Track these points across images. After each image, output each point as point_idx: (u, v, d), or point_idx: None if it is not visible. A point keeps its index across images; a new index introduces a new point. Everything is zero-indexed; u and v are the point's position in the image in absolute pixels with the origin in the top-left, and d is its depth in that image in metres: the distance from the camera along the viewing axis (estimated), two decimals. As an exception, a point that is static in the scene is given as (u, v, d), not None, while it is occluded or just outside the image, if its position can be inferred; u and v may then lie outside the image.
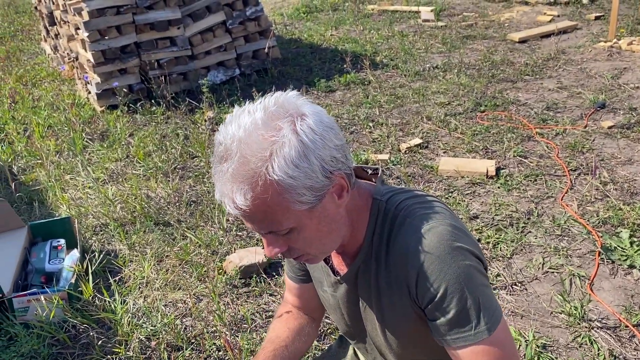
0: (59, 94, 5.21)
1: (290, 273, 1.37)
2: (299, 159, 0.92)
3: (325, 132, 0.95)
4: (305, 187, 0.94)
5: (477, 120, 4.04)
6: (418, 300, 1.05)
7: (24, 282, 2.54)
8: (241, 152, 0.91)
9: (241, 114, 0.96)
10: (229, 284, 2.57)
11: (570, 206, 2.96)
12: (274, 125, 0.92)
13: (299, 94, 1.00)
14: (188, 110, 4.52)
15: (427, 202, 1.08)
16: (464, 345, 1.02)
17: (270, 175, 0.91)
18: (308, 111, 0.96)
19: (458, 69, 5.05)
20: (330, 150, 0.95)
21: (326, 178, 0.96)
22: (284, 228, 0.98)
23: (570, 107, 4.14)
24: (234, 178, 0.92)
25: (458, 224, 1.05)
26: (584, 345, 2.13)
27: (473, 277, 1.01)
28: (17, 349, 2.20)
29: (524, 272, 2.54)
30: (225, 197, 0.94)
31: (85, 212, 3.25)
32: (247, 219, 0.97)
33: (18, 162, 3.99)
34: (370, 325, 1.19)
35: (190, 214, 3.17)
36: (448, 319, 1.02)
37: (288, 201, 0.94)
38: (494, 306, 1.03)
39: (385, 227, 1.08)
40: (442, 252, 1.00)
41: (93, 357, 2.19)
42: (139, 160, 3.82)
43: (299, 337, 1.37)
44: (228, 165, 0.92)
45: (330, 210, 1.01)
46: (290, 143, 0.91)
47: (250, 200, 0.92)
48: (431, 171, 3.44)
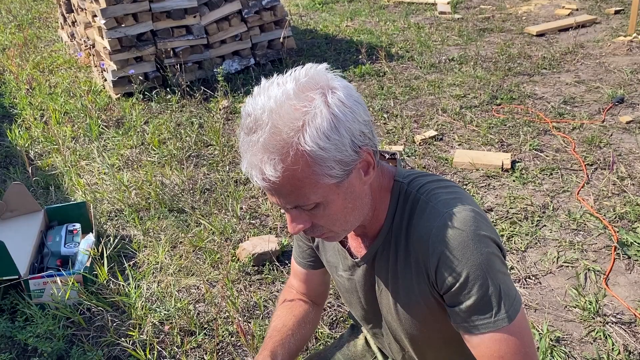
0: (76, 81, 5.25)
1: (299, 258, 1.36)
2: (330, 130, 0.91)
3: (354, 105, 0.95)
4: (334, 160, 0.93)
5: (493, 113, 4.00)
6: (437, 286, 1.04)
7: (40, 265, 2.57)
8: (273, 122, 0.90)
9: (270, 85, 0.95)
10: (242, 271, 2.58)
11: (586, 200, 2.93)
12: (305, 96, 0.91)
13: (328, 67, 0.99)
14: (203, 98, 4.53)
15: (448, 187, 1.07)
16: (483, 333, 1.02)
17: (302, 145, 0.90)
18: (338, 85, 0.95)
19: (474, 61, 5.00)
20: (359, 125, 0.95)
21: (355, 152, 0.95)
22: (310, 202, 0.97)
23: (587, 102, 4.09)
24: (264, 148, 0.91)
25: (479, 210, 1.04)
26: (598, 339, 2.11)
27: (494, 264, 1.00)
28: (33, 330, 2.23)
29: (538, 266, 2.52)
30: (254, 168, 0.93)
31: (100, 198, 3.27)
32: (274, 192, 0.96)
33: (35, 147, 4.03)
34: (385, 308, 1.19)
35: (204, 201, 3.19)
36: (468, 306, 1.01)
37: (317, 174, 0.93)
38: (513, 294, 1.02)
39: (406, 209, 1.07)
40: (465, 239, 0.99)
41: (107, 339, 2.22)
42: (154, 147, 3.84)
43: (304, 324, 1.36)
44: (259, 136, 0.91)
45: (356, 186, 1.00)
46: (322, 114, 0.91)
47: (280, 171, 0.91)
48: (446, 163, 3.42)
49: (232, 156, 3.65)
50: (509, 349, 1.01)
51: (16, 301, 2.40)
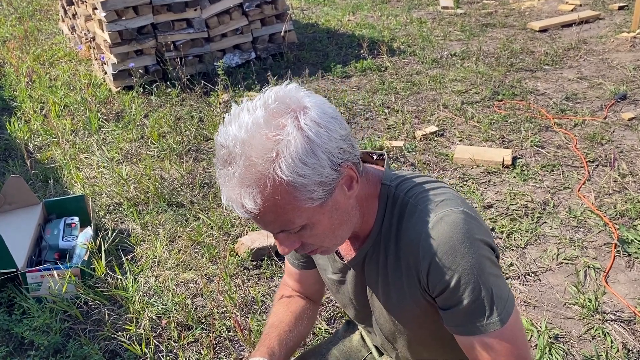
0: (76, 74, 5.23)
1: (292, 259, 1.35)
2: (306, 155, 0.88)
3: (329, 123, 0.92)
4: (315, 183, 0.91)
5: (495, 109, 3.98)
6: (429, 290, 1.04)
7: (37, 258, 2.56)
8: (246, 154, 0.87)
9: (240, 112, 0.92)
10: (240, 265, 2.58)
11: (587, 197, 2.91)
12: (276, 123, 0.88)
13: (297, 85, 0.96)
14: (203, 92, 4.51)
15: (437, 189, 1.05)
16: (477, 334, 1.01)
17: (278, 176, 0.88)
18: (310, 103, 0.92)
19: (476, 57, 4.98)
20: (336, 142, 0.92)
21: (335, 171, 0.93)
22: (296, 226, 0.95)
23: (590, 98, 4.07)
24: (241, 182, 0.89)
25: (470, 210, 1.02)
26: (597, 337, 2.10)
27: (486, 267, 0.99)
28: (29, 323, 2.22)
29: (538, 263, 2.51)
30: (234, 202, 0.91)
31: (99, 191, 3.26)
32: (258, 220, 0.94)
33: (34, 140, 4.02)
34: (377, 310, 1.18)
35: (203, 195, 3.17)
36: (460, 309, 1.00)
37: (299, 199, 0.91)
38: (506, 297, 1.01)
39: (395, 213, 1.05)
40: (455, 242, 0.97)
41: (104, 333, 2.21)
42: (153, 141, 3.83)
43: (301, 320, 1.36)
44: (234, 170, 0.89)
45: (341, 203, 0.98)
46: (296, 140, 0.88)
47: (260, 204, 0.89)
48: (446, 159, 3.40)
49: (231, 150, 3.64)
50: (501, 352, 1.00)
51: (13, 294, 2.40)
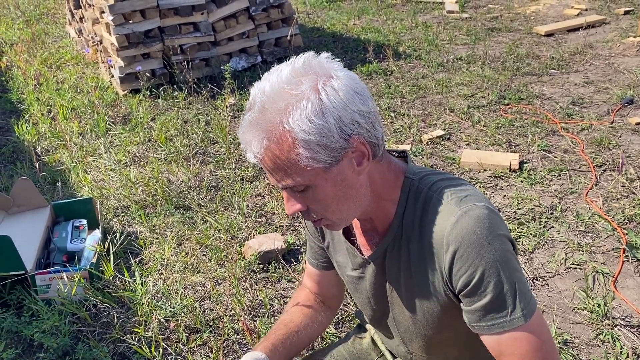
0: (83, 77, 5.25)
1: (312, 259, 1.36)
2: (314, 114, 0.93)
3: (349, 95, 0.95)
4: (319, 145, 0.94)
5: (501, 113, 3.98)
6: (452, 285, 1.03)
7: (46, 261, 2.57)
8: (262, 102, 0.95)
9: (275, 70, 0.98)
10: (247, 269, 2.58)
11: (595, 202, 2.91)
12: (296, 81, 0.94)
13: (330, 56, 1.00)
14: (210, 96, 4.53)
15: (461, 185, 1.06)
16: (500, 332, 1.00)
17: (284, 126, 0.93)
18: (337, 74, 0.97)
19: (482, 61, 4.98)
20: (351, 114, 0.95)
21: (343, 140, 0.96)
22: (297, 184, 0.98)
23: (596, 102, 4.07)
24: (252, 125, 0.96)
25: (493, 207, 1.03)
26: (606, 342, 2.09)
27: (510, 262, 0.99)
28: (38, 325, 2.23)
29: (546, 267, 2.51)
30: (245, 144, 0.98)
31: (107, 194, 3.28)
32: (265, 168, 0.99)
33: (42, 142, 4.04)
34: (397, 307, 1.17)
35: (211, 198, 3.18)
36: (483, 304, 1.00)
37: (300, 156, 0.95)
38: (529, 293, 1.01)
39: (418, 206, 1.06)
40: (480, 236, 0.98)
41: (113, 335, 2.22)
42: (160, 144, 3.84)
43: (311, 323, 1.36)
44: (250, 114, 0.96)
45: (347, 175, 1.00)
46: (309, 98, 0.93)
47: (264, 148, 0.95)
48: (453, 163, 3.40)
49: (238, 154, 3.65)
50: (529, 347, 1.00)
51: (22, 296, 2.40)
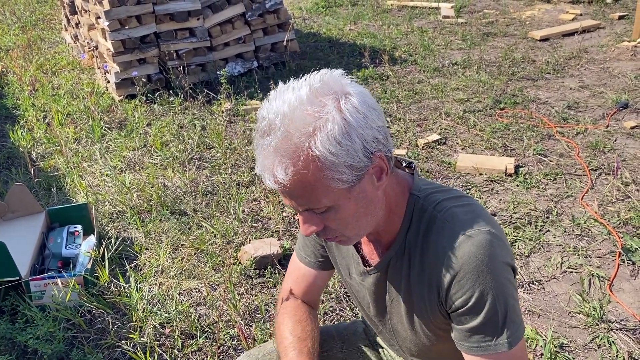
0: (79, 83, 5.25)
1: (308, 258, 1.33)
2: (341, 136, 0.92)
3: (368, 112, 0.95)
4: (346, 166, 0.93)
5: (497, 118, 3.99)
6: (446, 305, 1.05)
7: (40, 267, 2.56)
8: (285, 126, 0.91)
9: (285, 90, 0.96)
10: (243, 274, 2.57)
11: (590, 206, 2.91)
12: (318, 102, 0.92)
13: (343, 73, 0.99)
14: (206, 101, 4.53)
15: (466, 205, 1.06)
16: (482, 355, 1.02)
17: (312, 150, 0.91)
18: (352, 90, 0.96)
19: (478, 65, 5.00)
20: (372, 131, 0.95)
21: (367, 158, 0.95)
22: (321, 206, 0.97)
23: (592, 107, 4.08)
24: (276, 152, 0.92)
25: (497, 231, 1.03)
26: (602, 346, 2.09)
27: (506, 290, 1.00)
28: (33, 331, 2.21)
29: (542, 271, 2.51)
30: (266, 171, 0.94)
31: (102, 200, 3.27)
32: (286, 194, 0.97)
33: (37, 148, 4.03)
34: (396, 317, 1.18)
35: (206, 204, 3.18)
36: (472, 327, 1.02)
37: (328, 179, 0.94)
38: (519, 322, 1.02)
39: (422, 225, 1.06)
40: (480, 263, 0.98)
41: (108, 341, 2.21)
42: (156, 149, 3.84)
43: (317, 329, 1.32)
44: (271, 140, 0.92)
45: (368, 192, 1.00)
46: (334, 120, 0.91)
47: (290, 175, 0.92)
48: (449, 167, 3.41)
49: (234, 159, 3.64)
50: None
51: (17, 302, 2.39)
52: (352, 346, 1.43)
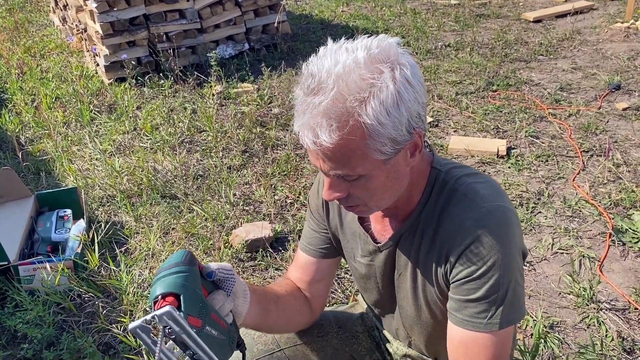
0: (67, 66, 5.18)
1: (310, 247, 1.31)
2: (392, 107, 0.90)
3: (418, 86, 0.93)
4: (389, 137, 0.92)
5: (489, 100, 3.97)
6: (451, 274, 1.04)
7: (30, 251, 2.54)
8: (338, 88, 0.88)
9: (338, 49, 0.92)
10: (235, 257, 2.56)
11: (581, 187, 2.91)
12: (375, 68, 0.89)
13: (398, 41, 0.96)
14: (196, 84, 4.48)
15: (487, 182, 1.05)
16: (470, 329, 1.02)
17: (362, 117, 0.89)
18: (406, 62, 0.93)
19: (471, 47, 4.96)
20: (418, 106, 0.94)
21: (408, 133, 0.94)
22: (355, 174, 0.96)
23: (584, 88, 4.07)
24: (325, 113, 0.89)
25: (515, 211, 1.03)
26: (592, 326, 2.10)
27: (513, 272, 1.00)
28: (22, 316, 2.20)
29: (533, 253, 2.51)
30: (309, 130, 0.91)
31: (92, 184, 3.24)
32: (322, 156, 0.94)
33: (25, 132, 3.98)
34: (402, 292, 1.17)
35: (197, 187, 3.15)
36: (470, 298, 1.01)
37: (369, 148, 0.92)
38: (516, 307, 1.02)
39: (442, 198, 1.05)
40: (495, 239, 0.98)
41: (98, 325, 2.20)
42: (146, 133, 3.80)
43: (292, 302, 1.27)
44: (321, 99, 0.89)
45: (400, 166, 0.99)
46: (389, 89, 0.89)
47: (335, 139, 0.89)
48: (441, 150, 3.39)
49: (225, 142, 3.62)
50: (486, 355, 1.01)
51: (5, 287, 2.37)
52: (348, 331, 1.42)
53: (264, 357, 1.34)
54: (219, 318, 0.96)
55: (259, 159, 3.42)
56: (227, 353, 0.97)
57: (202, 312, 0.91)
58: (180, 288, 0.90)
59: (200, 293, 0.93)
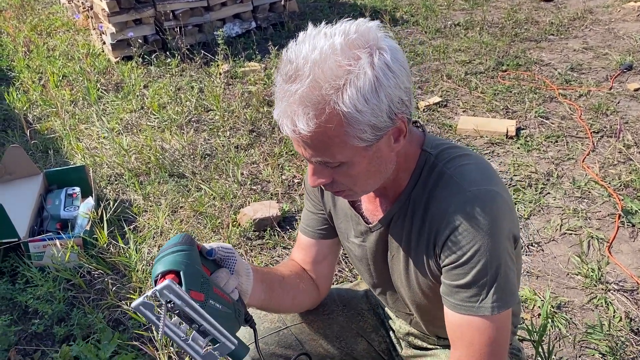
0: (74, 44, 5.16)
1: (308, 229, 1.31)
2: (370, 94, 0.88)
3: (399, 71, 0.91)
4: (368, 124, 0.90)
5: (499, 80, 3.93)
6: (439, 258, 1.04)
7: (39, 228, 2.56)
8: (314, 75, 0.87)
9: (317, 35, 0.91)
10: (243, 236, 2.57)
11: (591, 168, 2.89)
12: (352, 54, 0.88)
13: (380, 25, 0.94)
14: (203, 62, 4.45)
15: (478, 165, 1.03)
16: (464, 314, 1.01)
17: (338, 105, 0.88)
18: (386, 45, 0.91)
19: (480, 26, 4.90)
20: (399, 92, 0.92)
21: (390, 119, 0.92)
22: (336, 160, 0.95)
23: (595, 68, 4.02)
24: (301, 101, 0.88)
25: (505, 195, 1.01)
26: (599, 306, 2.10)
27: (501, 256, 0.99)
28: (33, 292, 2.23)
29: (541, 233, 2.50)
30: (286, 118, 0.90)
31: (100, 162, 3.24)
32: (302, 144, 0.93)
33: (33, 110, 3.98)
34: (396, 274, 1.17)
35: (205, 166, 3.15)
36: (460, 284, 1.01)
37: (348, 135, 0.91)
38: (508, 291, 1.01)
39: (430, 181, 1.04)
40: (480, 223, 0.97)
41: (108, 302, 2.22)
42: (153, 111, 3.79)
43: (298, 281, 1.27)
44: (297, 87, 0.88)
45: (383, 152, 0.98)
46: (366, 76, 0.87)
47: (312, 127, 0.89)
48: (450, 130, 3.37)
49: (232, 121, 3.60)
50: (482, 338, 1.01)
51: (16, 264, 2.40)
52: (353, 309, 1.43)
53: (271, 335, 1.36)
54: (222, 293, 0.97)
55: (266, 138, 3.41)
56: (234, 326, 0.97)
57: (203, 287, 0.92)
58: (179, 265, 0.91)
59: (201, 269, 0.94)
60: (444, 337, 1.28)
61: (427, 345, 1.35)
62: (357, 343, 1.40)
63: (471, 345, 1.02)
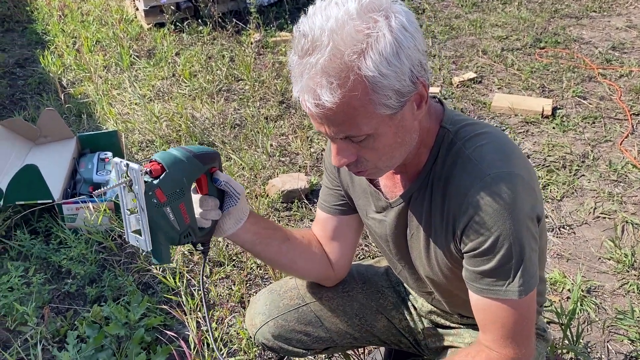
0: (107, 9, 5.17)
1: (325, 204, 1.30)
2: (392, 56, 0.86)
3: (416, 33, 0.90)
4: (392, 89, 0.88)
5: (536, 57, 3.82)
6: (459, 244, 1.02)
7: (72, 191, 2.61)
8: (334, 43, 0.85)
9: (327, 5, 0.89)
10: (270, 207, 2.58)
11: (629, 151, 2.81)
12: (369, 18, 0.86)
13: None
14: (235, 31, 4.43)
15: (497, 144, 1.00)
16: (490, 298, 1.01)
17: (362, 70, 0.86)
18: (399, 9, 0.89)
19: (519, 1, 4.75)
20: (418, 54, 0.90)
21: (412, 83, 0.90)
22: (362, 133, 0.92)
23: (638, 48, 3.87)
24: (323, 71, 0.85)
25: (525, 174, 0.98)
26: (631, 292, 2.06)
27: (525, 239, 0.97)
28: (66, 252, 2.28)
29: (574, 216, 2.46)
30: (309, 92, 0.88)
31: (131, 128, 3.27)
32: (326, 119, 0.91)
33: (67, 74, 4.03)
34: (415, 251, 1.16)
35: (234, 136, 3.16)
36: (484, 270, 0.99)
37: (374, 103, 0.89)
38: (532, 273, 1.00)
39: (448, 160, 1.02)
40: (500, 208, 0.95)
41: (138, 265, 2.26)
42: (184, 79, 3.80)
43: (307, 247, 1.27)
44: (317, 58, 0.85)
45: (407, 120, 0.96)
46: (386, 38, 0.86)
47: (337, 97, 0.86)
48: (483, 107, 3.31)
49: (262, 92, 3.59)
50: (509, 320, 1.01)
51: (50, 225, 2.45)
52: (373, 287, 1.42)
53: (290, 312, 1.36)
54: (186, 212, 1.02)
55: (295, 110, 3.39)
56: (169, 239, 1.02)
57: (173, 195, 0.99)
58: (170, 166, 0.98)
59: (186, 183, 1.00)
60: (467, 316, 1.27)
61: (449, 324, 1.35)
62: (377, 320, 1.40)
63: (501, 328, 1.02)
